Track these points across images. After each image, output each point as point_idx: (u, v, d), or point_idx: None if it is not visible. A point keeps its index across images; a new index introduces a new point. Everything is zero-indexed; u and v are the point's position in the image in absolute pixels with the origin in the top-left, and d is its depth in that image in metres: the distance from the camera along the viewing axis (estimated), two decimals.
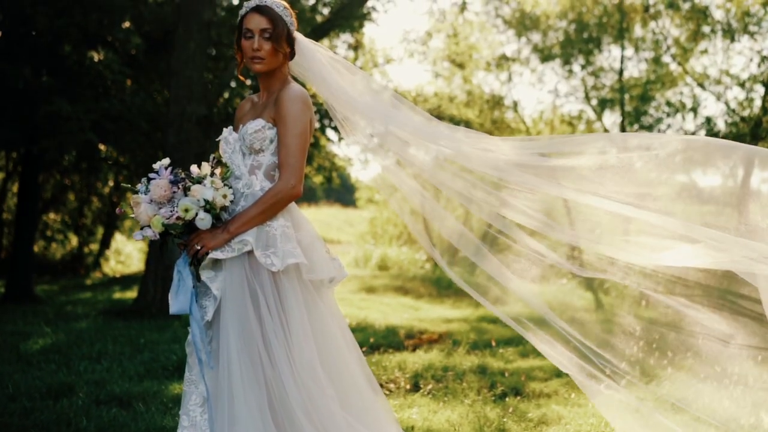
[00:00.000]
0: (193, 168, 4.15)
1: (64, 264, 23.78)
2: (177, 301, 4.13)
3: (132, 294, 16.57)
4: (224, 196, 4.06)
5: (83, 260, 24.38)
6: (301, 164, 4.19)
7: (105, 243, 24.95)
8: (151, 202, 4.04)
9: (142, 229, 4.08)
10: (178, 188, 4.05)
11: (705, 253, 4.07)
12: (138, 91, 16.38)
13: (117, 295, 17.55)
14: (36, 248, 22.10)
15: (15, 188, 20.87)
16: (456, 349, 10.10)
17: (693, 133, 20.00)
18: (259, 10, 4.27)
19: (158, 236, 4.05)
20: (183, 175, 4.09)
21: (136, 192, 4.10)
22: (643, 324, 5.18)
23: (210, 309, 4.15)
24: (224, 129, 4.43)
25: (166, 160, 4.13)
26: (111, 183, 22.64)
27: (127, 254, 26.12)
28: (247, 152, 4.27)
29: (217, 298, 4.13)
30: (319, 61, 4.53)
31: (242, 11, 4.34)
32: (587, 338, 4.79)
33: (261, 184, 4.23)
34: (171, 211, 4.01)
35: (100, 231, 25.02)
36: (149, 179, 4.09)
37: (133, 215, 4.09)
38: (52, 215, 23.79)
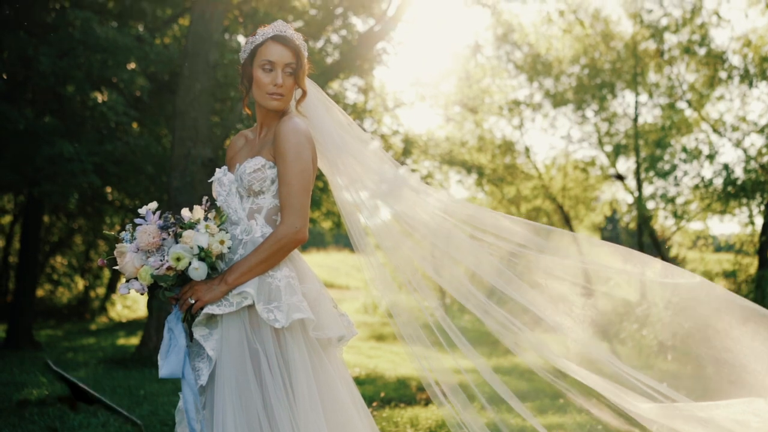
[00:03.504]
0: (184, 212, 3.64)
1: (70, 308, 23.58)
2: (168, 363, 3.61)
3: (136, 340, 16.23)
4: (221, 242, 3.57)
5: (89, 304, 24.14)
6: (305, 205, 3.72)
7: (111, 287, 24.70)
8: (138, 250, 3.54)
9: (128, 281, 3.58)
10: (169, 234, 3.55)
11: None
12: (143, 133, 16.13)
13: (121, 341, 17.25)
14: (42, 292, 21.91)
15: None
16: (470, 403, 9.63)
17: (711, 180, 19.64)
18: (284, 41, 3.82)
19: (146, 289, 3.56)
20: (173, 220, 3.59)
21: (121, 240, 3.62)
22: (668, 380, 4.81)
23: (204, 372, 3.65)
24: (217, 169, 3.95)
25: (153, 204, 3.64)
26: (117, 227, 22.42)
27: (133, 299, 25.83)
28: (245, 194, 3.81)
29: (212, 360, 3.62)
30: (321, 113, 4.10)
31: (258, 39, 3.85)
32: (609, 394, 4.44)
33: (262, 230, 3.75)
34: (161, 261, 3.51)
35: (106, 275, 24.79)
36: (135, 225, 3.60)
37: (117, 267, 3.60)
38: (59, 258, 23.55)
